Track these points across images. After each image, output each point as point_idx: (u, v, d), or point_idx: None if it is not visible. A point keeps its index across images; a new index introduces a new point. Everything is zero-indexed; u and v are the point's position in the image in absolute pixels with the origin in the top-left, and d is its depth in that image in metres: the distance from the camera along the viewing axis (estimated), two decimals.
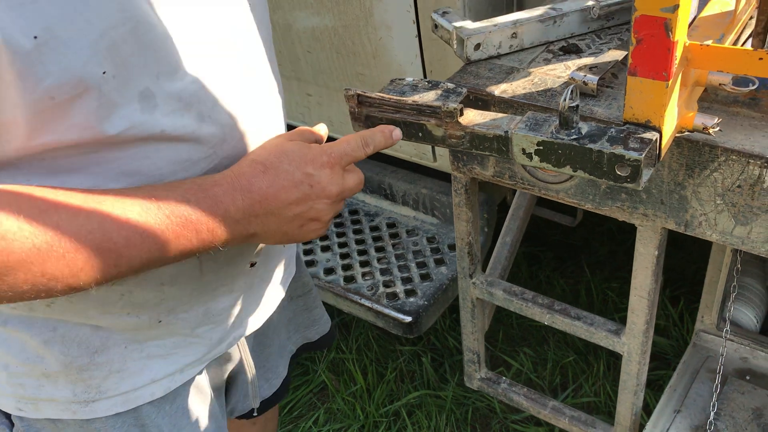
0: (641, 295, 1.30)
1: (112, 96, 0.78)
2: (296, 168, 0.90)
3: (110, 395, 1.03)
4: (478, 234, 1.49)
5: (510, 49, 1.35)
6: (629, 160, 0.90)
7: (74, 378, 1.00)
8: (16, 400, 1.03)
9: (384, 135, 1.01)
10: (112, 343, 1.00)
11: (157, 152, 0.87)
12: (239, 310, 1.12)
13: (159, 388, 1.07)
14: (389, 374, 2.36)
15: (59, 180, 0.82)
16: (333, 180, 0.92)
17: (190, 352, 1.08)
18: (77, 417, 1.03)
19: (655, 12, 0.84)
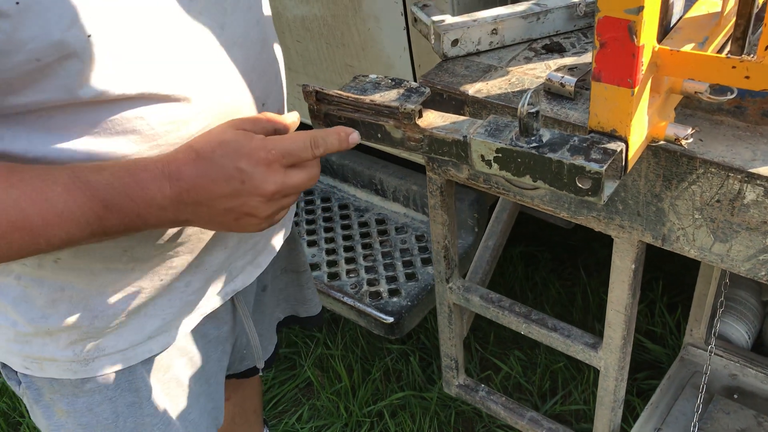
0: (618, 309, 1.24)
1: (101, 58, 0.79)
2: (230, 161, 0.85)
3: (109, 352, 1.04)
4: (455, 237, 1.43)
5: (490, 46, 1.29)
6: (590, 172, 0.84)
7: (75, 337, 1.01)
8: (23, 358, 1.04)
9: (339, 138, 0.95)
10: (113, 308, 1.01)
11: (149, 111, 0.87)
12: (230, 265, 1.11)
13: (156, 344, 1.08)
14: (375, 373, 2.31)
15: (56, 138, 0.84)
16: (269, 178, 0.86)
17: (185, 306, 1.08)
18: (77, 376, 1.05)
19: (618, 13, 0.78)
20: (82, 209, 0.81)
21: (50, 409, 1.10)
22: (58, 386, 1.07)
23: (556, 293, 2.49)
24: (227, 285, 1.15)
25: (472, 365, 2.32)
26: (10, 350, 1.06)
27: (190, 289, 1.08)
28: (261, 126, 0.91)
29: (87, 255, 0.96)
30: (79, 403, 1.08)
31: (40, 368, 1.05)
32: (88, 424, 1.09)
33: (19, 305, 1.00)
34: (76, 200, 0.81)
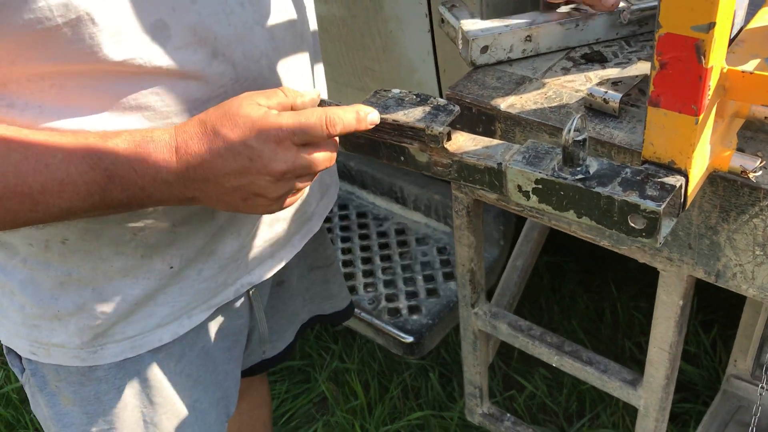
0: (662, 347, 1.13)
1: (116, 23, 0.77)
2: (238, 136, 0.80)
3: (118, 339, 1.02)
4: (482, 260, 1.32)
5: (523, 54, 1.17)
6: (645, 211, 0.73)
7: (84, 322, 0.99)
8: (30, 342, 1.02)
9: (357, 117, 0.85)
10: (123, 292, 0.98)
11: (165, 88, 0.85)
12: (245, 256, 1.08)
13: (166, 333, 1.05)
14: (393, 389, 2.21)
15: (67, 109, 0.81)
16: (278, 156, 0.80)
17: (197, 297, 1.05)
18: (85, 364, 1.02)
19: (684, 30, 0.66)
20: (83, 178, 0.78)
21: (55, 398, 1.07)
22: (64, 374, 1.04)
23: (584, 307, 2.38)
24: (243, 277, 1.10)
25: (495, 383, 2.21)
26: (17, 334, 1.03)
27: (202, 277, 1.04)
28: (277, 100, 0.84)
29: (96, 238, 0.93)
30: (86, 391, 1.05)
31: (47, 354, 1.03)
32: (94, 413, 1.07)
33: (27, 288, 0.98)
34: (78, 168, 0.78)
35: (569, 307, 2.41)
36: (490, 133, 1.12)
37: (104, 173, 0.79)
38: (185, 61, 0.85)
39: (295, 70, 1.01)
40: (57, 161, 0.77)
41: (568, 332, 2.32)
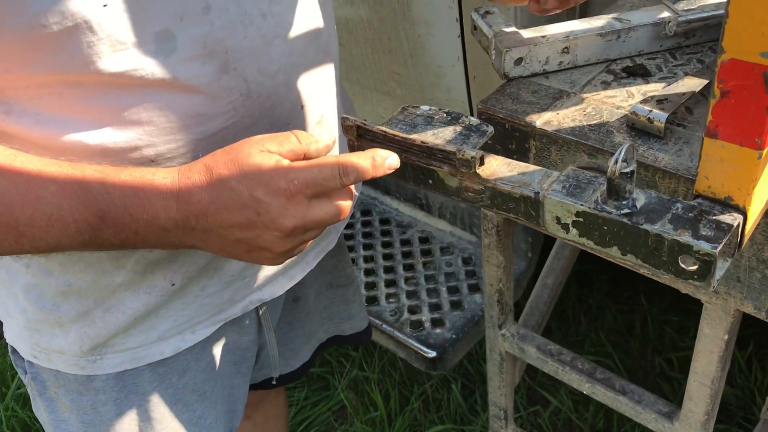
0: (703, 382, 1.06)
1: (117, 32, 0.73)
2: (245, 188, 0.74)
3: (117, 350, 0.99)
4: (510, 280, 1.26)
5: (560, 67, 1.10)
6: (699, 253, 0.66)
7: (85, 330, 0.96)
8: (31, 346, 1.00)
9: (374, 164, 0.79)
10: (125, 304, 0.95)
11: (168, 102, 0.80)
12: (254, 274, 1.04)
13: (168, 347, 1.02)
14: (414, 401, 2.16)
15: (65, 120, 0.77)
16: (288, 212, 0.75)
17: (200, 312, 1.01)
18: (84, 373, 1.00)
19: (752, 57, 0.60)
20: (74, 216, 0.74)
21: (54, 404, 1.05)
22: (63, 380, 1.02)
23: (612, 319, 2.30)
24: (252, 294, 1.06)
25: (519, 397, 2.14)
26: (20, 336, 1.01)
27: (206, 293, 1.00)
28: (289, 147, 0.78)
29: (96, 252, 0.89)
30: (83, 400, 1.02)
31: (48, 359, 1.00)
32: (90, 423, 1.04)
33: (30, 293, 0.95)
34: (70, 204, 0.74)
35: (597, 318, 2.33)
36: (524, 151, 1.05)
37: (97, 213, 0.74)
38: (191, 74, 0.80)
39: (316, 87, 0.96)
40: (48, 194, 0.73)
41: (595, 345, 2.25)
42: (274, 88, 0.89)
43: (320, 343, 1.38)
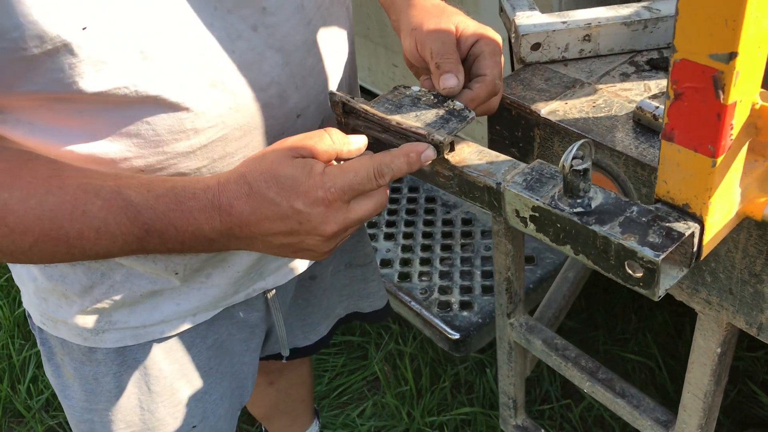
0: (695, 393, 1.01)
1: (98, 53, 0.73)
2: (284, 199, 0.75)
3: (119, 327, 1.02)
4: (520, 269, 1.24)
5: (580, 54, 1.06)
6: (642, 260, 0.64)
7: (88, 305, 0.99)
8: (41, 313, 1.04)
9: (409, 161, 0.78)
10: (131, 285, 0.97)
11: (154, 117, 0.81)
12: (259, 264, 1.05)
13: (168, 327, 1.04)
14: (444, 380, 2.16)
15: (56, 131, 0.79)
16: (328, 218, 0.76)
17: (203, 298, 1.03)
18: (86, 344, 1.03)
19: (701, 58, 0.56)
20: (120, 229, 0.76)
21: (60, 370, 1.09)
22: (68, 349, 1.06)
23: (663, 321, 2.22)
24: (255, 283, 1.08)
25: (554, 388, 2.11)
26: (31, 302, 1.05)
27: (210, 281, 1.02)
28: (322, 148, 0.78)
29: None
30: (86, 370, 1.06)
31: (54, 327, 1.04)
32: (92, 392, 1.07)
33: None
34: (116, 219, 0.75)
35: (648, 318, 2.25)
36: (529, 139, 1.03)
37: (142, 227, 0.76)
38: (175, 90, 0.80)
39: (316, 95, 0.94)
40: (95, 209, 0.74)
41: (640, 345, 2.18)
42: (266, 101, 0.88)
43: (339, 319, 1.40)
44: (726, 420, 1.97)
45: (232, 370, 1.18)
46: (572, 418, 2.03)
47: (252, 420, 2.12)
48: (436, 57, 0.85)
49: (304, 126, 0.94)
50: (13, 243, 0.75)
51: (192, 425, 1.14)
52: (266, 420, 1.83)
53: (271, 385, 1.68)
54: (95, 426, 1.10)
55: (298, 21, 0.89)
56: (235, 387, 1.21)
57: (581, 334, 2.24)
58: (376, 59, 1.96)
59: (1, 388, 2.23)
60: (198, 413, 1.14)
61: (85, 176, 0.76)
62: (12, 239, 0.75)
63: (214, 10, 0.80)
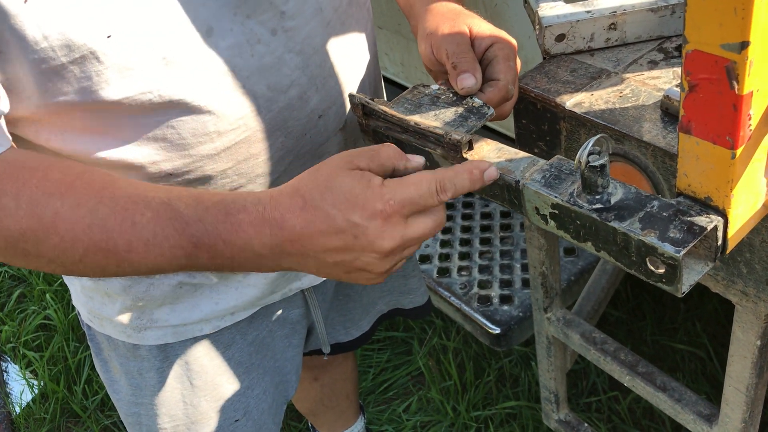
0: (737, 387, 0.99)
1: (123, 60, 0.75)
2: (340, 212, 0.71)
3: (161, 326, 1.04)
4: (556, 263, 1.22)
5: (606, 44, 1.04)
6: (663, 256, 0.62)
7: (130, 303, 1.01)
8: (87, 311, 1.08)
9: (471, 178, 0.74)
10: (169, 281, 0.99)
11: (178, 121, 0.83)
12: None
13: (208, 326, 1.06)
14: (488, 374, 2.14)
15: (81, 137, 0.81)
16: (385, 234, 0.72)
17: (240, 297, 1.05)
18: (130, 341, 1.06)
19: (713, 49, 0.55)
20: (169, 242, 0.74)
21: (107, 365, 1.13)
22: (113, 345, 1.09)
23: (713, 310, 2.16)
24: (292, 283, 1.10)
25: (601, 380, 2.08)
26: (79, 300, 1.09)
27: (247, 281, 1.04)
28: (379, 162, 0.75)
29: None
30: (131, 365, 1.09)
31: (101, 324, 1.07)
32: (137, 386, 1.11)
33: None
34: (165, 231, 0.74)
35: (697, 306, 2.20)
36: (555, 132, 1.01)
37: (190, 240, 0.74)
38: (198, 94, 0.81)
39: (337, 95, 0.95)
40: (144, 220, 0.74)
41: (689, 334, 2.13)
42: (287, 102, 0.88)
43: (381, 315, 1.40)
44: None
45: (275, 366, 1.20)
46: (620, 411, 2.00)
47: (299, 416, 2.15)
48: (452, 57, 0.85)
49: (325, 127, 0.95)
50: (64, 253, 0.75)
51: (235, 419, 1.17)
52: (312, 415, 1.85)
53: (316, 380, 1.69)
54: (142, 419, 1.13)
55: (317, 24, 0.90)
56: (279, 382, 1.23)
57: (628, 325, 2.20)
58: (409, 54, 1.95)
59: (57, 390, 2.31)
60: (241, 408, 1.17)
61: (137, 188, 0.76)
62: (63, 248, 0.74)
63: (233, 15, 0.81)
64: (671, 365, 2.08)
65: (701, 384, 2.01)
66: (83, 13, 0.72)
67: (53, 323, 2.52)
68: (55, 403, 2.29)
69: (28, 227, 0.72)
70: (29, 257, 0.75)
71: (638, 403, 2.01)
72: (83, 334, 2.49)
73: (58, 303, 2.55)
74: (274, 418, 1.25)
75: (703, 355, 2.07)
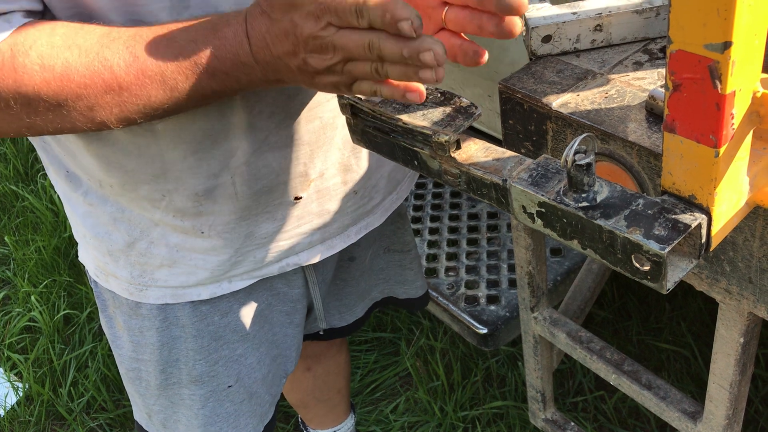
0: (721, 384, 1.00)
1: None
2: (283, 15, 0.75)
3: (161, 285, 1.09)
4: (542, 263, 1.23)
5: (592, 45, 1.05)
6: (648, 253, 0.63)
7: (133, 260, 1.07)
8: (94, 266, 1.14)
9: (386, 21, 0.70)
10: (167, 241, 1.05)
11: None
12: (288, 239, 1.10)
13: (205, 291, 1.10)
14: (475, 374, 2.15)
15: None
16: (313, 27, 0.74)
17: (236, 266, 1.09)
18: (132, 298, 1.11)
19: (696, 49, 0.55)
20: (170, 68, 0.79)
21: (112, 321, 1.18)
22: (118, 302, 1.14)
23: (698, 309, 2.18)
24: (288, 257, 1.13)
25: (587, 379, 2.09)
26: (86, 255, 1.15)
27: (240, 252, 1.08)
28: None
29: (133, 190, 0.99)
30: (133, 323, 1.14)
31: (106, 280, 1.13)
32: (138, 343, 1.16)
33: (86, 220, 1.07)
34: (166, 58, 0.78)
35: (682, 306, 2.22)
36: (542, 133, 1.02)
37: (189, 62, 0.79)
38: None
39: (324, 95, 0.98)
40: (146, 53, 0.78)
41: (674, 334, 2.15)
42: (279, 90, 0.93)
43: (374, 302, 1.44)
44: (765, 409, 1.93)
45: (273, 339, 1.24)
46: (606, 410, 2.02)
47: (287, 417, 2.15)
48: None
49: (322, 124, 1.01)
50: (79, 99, 0.79)
51: (228, 385, 1.20)
52: (302, 407, 1.85)
53: (309, 370, 1.70)
54: (141, 374, 1.18)
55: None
56: (276, 355, 1.26)
57: (614, 325, 2.22)
58: None
59: (43, 392, 2.29)
60: (233, 374, 1.20)
61: (135, 30, 0.80)
62: (77, 95, 0.79)
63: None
64: (657, 364, 2.10)
65: (686, 383, 2.03)
66: None
67: (38, 325, 2.51)
68: (41, 406, 2.28)
69: (42, 80, 0.77)
70: (50, 112, 0.79)
71: (624, 403, 2.03)
72: (69, 336, 2.48)
73: (43, 305, 2.54)
74: (270, 389, 1.27)
75: (688, 354, 2.09)
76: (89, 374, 2.33)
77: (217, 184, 0.99)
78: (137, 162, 0.95)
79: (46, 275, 2.66)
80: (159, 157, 0.95)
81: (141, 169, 0.96)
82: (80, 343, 2.45)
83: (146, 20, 0.83)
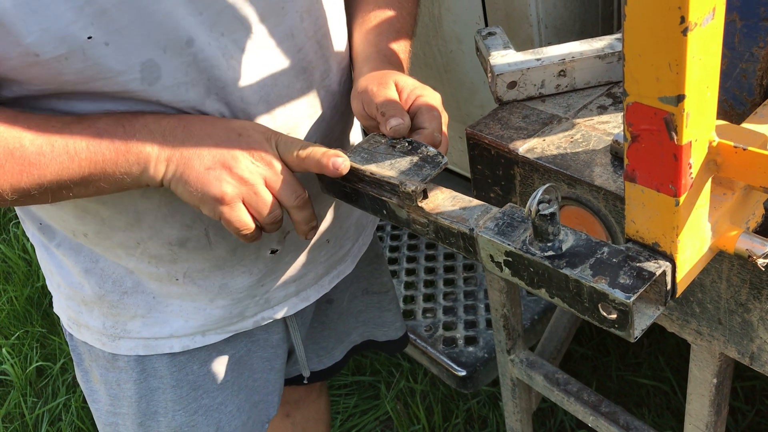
0: (697, 425, 1.00)
1: (104, 62, 0.80)
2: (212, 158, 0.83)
3: (133, 336, 1.08)
4: (517, 305, 1.23)
5: (557, 90, 1.07)
6: (614, 302, 0.63)
7: (105, 311, 1.06)
8: (67, 317, 1.13)
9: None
10: (140, 290, 1.05)
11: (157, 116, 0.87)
12: (264, 293, 1.10)
13: (177, 344, 1.10)
14: (456, 416, 2.13)
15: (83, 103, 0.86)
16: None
17: (210, 319, 1.09)
18: (106, 350, 1.10)
19: (652, 102, 0.56)
20: (75, 140, 0.82)
21: (88, 374, 1.17)
22: (94, 355, 1.13)
23: (675, 344, 2.19)
24: (264, 311, 1.13)
25: (568, 418, 2.08)
26: (60, 306, 1.14)
27: (215, 305, 1.08)
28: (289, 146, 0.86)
29: (108, 238, 0.99)
30: (110, 376, 1.13)
31: (79, 331, 1.12)
32: (116, 397, 1.14)
33: (61, 269, 1.07)
34: (72, 133, 0.81)
35: (659, 341, 2.23)
36: (510, 177, 1.03)
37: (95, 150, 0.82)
38: (175, 99, 0.87)
39: (303, 118, 0.99)
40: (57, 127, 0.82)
41: (653, 369, 2.15)
42: (256, 116, 0.94)
43: (354, 346, 1.43)
44: None
45: (254, 385, 1.23)
46: None
47: None
48: (381, 107, 0.89)
49: None
50: None
51: None
52: None
53: (288, 417, 1.67)
54: (119, 428, 1.17)
55: (289, 47, 0.94)
56: (257, 401, 1.25)
57: (593, 361, 2.21)
58: None
59: None
60: (213, 423, 1.19)
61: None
62: None
63: (210, 31, 0.86)
64: (637, 400, 2.09)
65: (666, 418, 2.02)
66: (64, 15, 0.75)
67: (9, 378, 2.45)
68: None
69: None
70: None
71: None
72: (41, 389, 2.43)
73: (15, 357, 2.49)
74: None
75: (668, 389, 2.09)
76: (62, 428, 2.27)
77: (190, 236, 0.99)
78: (112, 210, 0.96)
79: (19, 326, 2.62)
80: (133, 206, 0.95)
81: (116, 217, 0.96)
82: (53, 396, 2.40)
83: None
